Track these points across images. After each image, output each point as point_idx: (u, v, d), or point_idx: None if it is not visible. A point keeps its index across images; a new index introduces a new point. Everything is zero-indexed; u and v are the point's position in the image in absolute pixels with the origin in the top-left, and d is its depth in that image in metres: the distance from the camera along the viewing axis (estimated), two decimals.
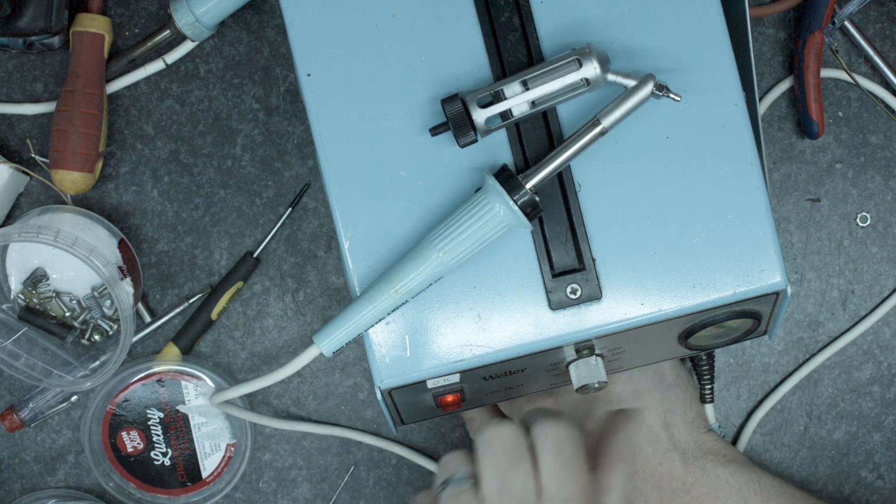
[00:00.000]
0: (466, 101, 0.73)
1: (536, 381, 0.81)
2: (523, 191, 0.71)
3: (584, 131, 0.72)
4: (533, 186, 0.72)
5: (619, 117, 0.72)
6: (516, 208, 0.71)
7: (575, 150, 0.72)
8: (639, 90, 0.72)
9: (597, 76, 0.72)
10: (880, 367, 0.96)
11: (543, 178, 0.72)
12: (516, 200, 0.71)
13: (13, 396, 0.97)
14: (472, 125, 0.73)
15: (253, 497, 0.97)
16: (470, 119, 0.72)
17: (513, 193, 0.71)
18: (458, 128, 0.73)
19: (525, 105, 0.73)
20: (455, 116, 0.73)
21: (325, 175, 0.75)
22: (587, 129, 0.72)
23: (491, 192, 0.72)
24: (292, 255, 0.96)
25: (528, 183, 0.72)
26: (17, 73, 0.96)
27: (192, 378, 0.96)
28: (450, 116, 0.73)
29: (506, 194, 0.71)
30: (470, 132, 0.73)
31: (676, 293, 0.73)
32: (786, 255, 0.95)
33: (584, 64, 0.72)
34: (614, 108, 0.72)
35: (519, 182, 0.71)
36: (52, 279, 0.95)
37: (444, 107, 0.73)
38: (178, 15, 0.90)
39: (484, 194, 0.72)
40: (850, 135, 0.95)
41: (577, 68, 0.72)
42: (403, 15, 0.75)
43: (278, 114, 0.95)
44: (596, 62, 0.72)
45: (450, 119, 0.73)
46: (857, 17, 0.94)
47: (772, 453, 0.96)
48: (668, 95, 0.72)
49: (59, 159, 0.91)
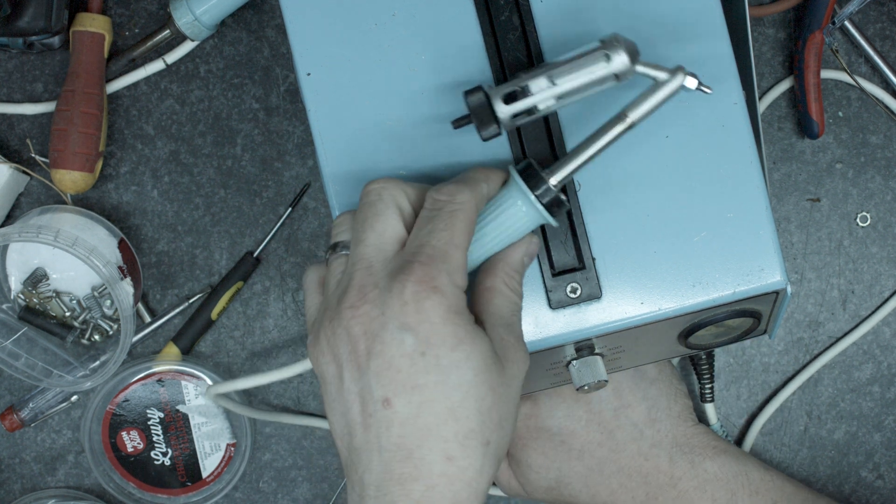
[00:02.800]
0: (490, 94, 0.70)
1: (536, 380, 0.81)
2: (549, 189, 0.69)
3: (612, 125, 0.69)
4: (558, 183, 0.69)
5: (649, 111, 0.69)
6: (541, 207, 0.69)
7: (601, 146, 0.69)
8: (669, 83, 0.69)
9: (626, 69, 0.69)
10: (880, 367, 0.96)
11: (568, 173, 0.70)
12: (541, 199, 0.69)
13: (13, 396, 0.97)
14: (494, 117, 0.70)
15: (253, 497, 0.97)
16: (493, 111, 0.70)
17: (537, 191, 0.69)
18: (481, 120, 0.70)
19: (552, 100, 0.70)
20: (477, 107, 0.70)
21: (325, 175, 0.75)
22: (614, 124, 0.69)
23: (514, 189, 0.70)
24: (292, 255, 0.96)
25: (553, 179, 0.69)
26: (17, 73, 0.96)
27: (192, 378, 0.96)
28: (472, 108, 0.70)
29: (529, 192, 0.69)
30: (492, 125, 0.70)
31: (676, 292, 0.73)
32: (786, 255, 0.95)
33: (612, 57, 0.69)
34: (643, 102, 0.69)
35: (544, 179, 0.69)
36: (52, 279, 0.95)
37: (466, 98, 0.70)
38: (177, 14, 0.90)
39: (508, 190, 0.70)
40: (850, 135, 0.95)
41: (605, 60, 0.69)
42: (403, 14, 0.75)
43: (278, 114, 0.95)
44: (625, 54, 0.68)
45: (472, 110, 0.70)
46: (857, 17, 0.94)
47: (772, 453, 0.96)
48: (701, 88, 0.69)
49: (59, 159, 0.91)
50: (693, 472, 0.86)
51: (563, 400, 0.87)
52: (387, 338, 0.65)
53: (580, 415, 0.87)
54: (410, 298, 0.64)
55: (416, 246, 0.66)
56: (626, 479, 0.87)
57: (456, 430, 0.65)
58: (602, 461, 0.87)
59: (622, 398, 0.87)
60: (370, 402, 0.65)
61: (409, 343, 0.64)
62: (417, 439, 0.64)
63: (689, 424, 0.88)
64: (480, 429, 0.65)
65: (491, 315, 0.69)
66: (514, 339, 0.69)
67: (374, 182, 0.69)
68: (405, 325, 0.64)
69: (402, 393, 0.64)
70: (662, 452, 0.87)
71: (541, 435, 0.87)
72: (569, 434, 0.87)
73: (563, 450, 0.87)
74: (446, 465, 0.64)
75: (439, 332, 0.65)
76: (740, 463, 0.87)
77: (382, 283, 0.66)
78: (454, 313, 0.65)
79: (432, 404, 0.64)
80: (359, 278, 0.66)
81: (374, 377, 0.65)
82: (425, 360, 0.64)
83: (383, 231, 0.68)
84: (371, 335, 0.65)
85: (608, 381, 0.78)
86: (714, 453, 0.87)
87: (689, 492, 0.86)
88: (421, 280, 0.65)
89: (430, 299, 0.65)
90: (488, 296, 0.70)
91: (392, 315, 0.65)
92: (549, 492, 0.89)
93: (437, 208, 0.68)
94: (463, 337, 0.65)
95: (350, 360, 0.66)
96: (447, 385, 0.64)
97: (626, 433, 0.87)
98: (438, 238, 0.66)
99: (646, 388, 0.87)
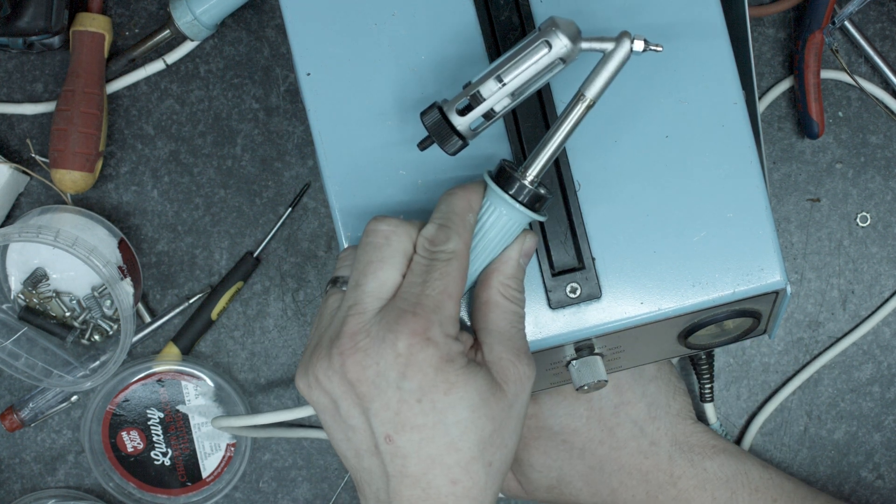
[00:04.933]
0: (445, 110, 0.70)
1: (536, 380, 0.81)
2: (526, 189, 0.69)
3: (571, 108, 0.69)
4: (534, 178, 0.69)
5: (604, 85, 0.68)
6: (522, 208, 0.69)
7: (567, 131, 0.69)
8: (616, 52, 0.68)
9: (569, 51, 0.68)
10: (880, 367, 0.96)
11: (542, 167, 0.70)
12: (521, 200, 0.69)
13: (13, 396, 0.97)
14: (454, 131, 0.70)
15: (253, 497, 0.97)
16: (451, 126, 0.70)
17: (515, 195, 0.69)
18: (442, 138, 0.70)
19: (506, 99, 0.70)
20: (434, 126, 0.70)
21: (325, 175, 0.75)
22: (573, 106, 0.69)
23: (493, 197, 0.70)
24: (292, 255, 0.96)
25: (528, 176, 0.69)
26: (17, 73, 0.96)
27: (192, 378, 0.96)
28: (429, 127, 0.70)
29: (508, 198, 0.69)
30: (454, 139, 0.70)
31: (676, 292, 0.73)
32: (786, 255, 0.95)
33: (553, 44, 0.68)
34: (595, 77, 0.68)
35: (519, 181, 0.69)
36: (52, 279, 0.95)
37: (423, 118, 0.70)
38: (177, 14, 0.90)
39: (488, 198, 0.71)
40: (850, 135, 0.95)
41: (546, 48, 0.68)
42: (403, 14, 0.75)
43: (278, 114, 0.95)
44: (564, 37, 0.68)
45: (429, 130, 0.70)
46: (857, 17, 0.94)
47: (772, 453, 0.96)
48: (650, 48, 0.68)
49: (59, 159, 0.91)
50: (693, 470, 0.87)
51: (565, 398, 0.87)
52: (382, 385, 0.66)
53: (581, 412, 0.87)
54: (404, 350, 0.66)
55: (412, 295, 0.67)
56: (626, 477, 0.87)
57: (458, 459, 0.67)
58: (603, 459, 0.87)
59: (622, 395, 0.87)
60: (372, 436, 0.67)
61: (404, 390, 0.66)
62: (422, 468, 0.67)
63: (689, 423, 0.88)
64: (482, 455, 0.67)
65: (490, 333, 0.70)
66: (513, 356, 0.70)
67: (383, 222, 0.69)
68: (401, 375, 0.66)
69: (402, 431, 0.67)
70: (662, 451, 0.87)
71: (542, 434, 0.87)
72: (570, 432, 0.87)
73: (564, 448, 0.87)
74: (452, 487, 0.67)
75: (432, 380, 0.66)
76: (740, 461, 0.87)
77: (375, 331, 0.67)
78: (446, 362, 0.67)
79: (432, 440, 0.67)
80: (352, 324, 0.67)
81: (373, 417, 0.67)
82: (421, 406, 0.66)
83: (385, 280, 0.68)
84: (365, 382, 0.67)
85: (608, 381, 0.78)
86: (713, 452, 0.87)
87: (688, 490, 0.86)
88: (415, 332, 0.66)
89: (423, 352, 0.66)
90: (485, 311, 0.71)
91: (386, 365, 0.66)
92: (550, 491, 0.89)
93: (432, 257, 0.68)
94: (454, 381, 0.67)
95: (345, 398, 0.68)
96: (445, 424, 0.67)
97: (627, 431, 0.87)
98: (433, 288, 0.67)
99: (645, 385, 0.87)
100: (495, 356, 0.69)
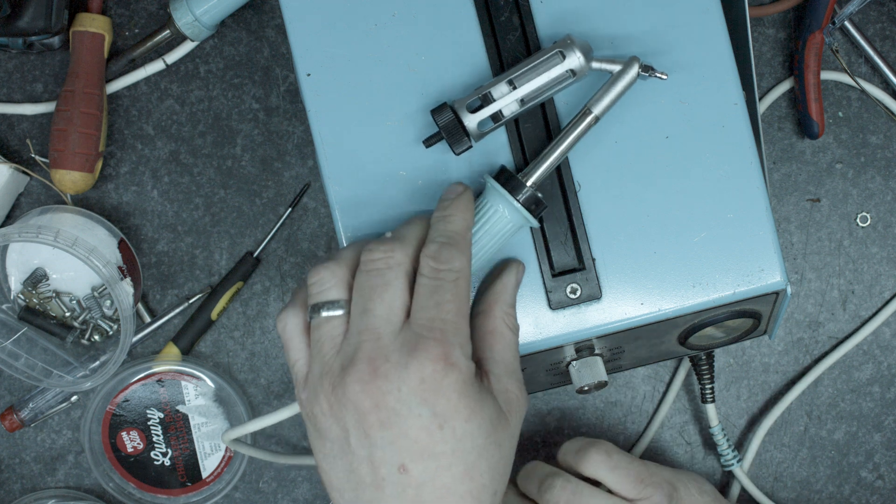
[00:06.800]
0: (456, 108, 0.72)
1: (536, 380, 0.81)
2: (525, 189, 0.71)
3: (577, 122, 0.71)
4: (534, 183, 0.71)
5: (610, 103, 0.72)
6: (520, 207, 0.71)
7: (570, 142, 0.72)
8: (625, 74, 0.72)
9: (581, 66, 0.72)
10: (880, 367, 0.96)
11: (543, 173, 0.71)
12: (519, 199, 0.71)
13: (13, 396, 0.97)
14: (465, 132, 0.72)
15: (253, 497, 0.97)
16: (462, 126, 0.72)
17: (515, 193, 0.71)
18: (452, 136, 0.72)
19: (515, 104, 0.72)
20: (447, 125, 0.72)
21: (324, 175, 0.75)
22: (579, 120, 0.71)
23: (492, 195, 0.71)
24: (292, 255, 0.96)
25: (529, 180, 0.71)
26: (17, 73, 0.96)
27: (192, 378, 0.96)
28: (442, 126, 0.72)
29: (508, 195, 0.71)
30: (464, 139, 0.72)
31: (676, 293, 0.73)
32: (786, 255, 0.95)
33: (567, 56, 0.72)
34: (603, 95, 0.71)
35: (519, 181, 0.71)
36: (52, 279, 0.95)
37: (435, 117, 0.72)
38: (177, 14, 0.90)
39: (486, 197, 0.71)
40: (850, 135, 0.95)
41: (560, 61, 0.72)
42: (403, 15, 0.75)
43: (278, 114, 0.95)
44: (578, 52, 0.72)
45: (442, 129, 0.72)
46: (857, 17, 0.94)
47: (772, 453, 0.96)
48: (655, 75, 0.72)
49: (59, 159, 0.91)
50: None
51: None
52: (403, 412, 0.66)
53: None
54: (429, 377, 0.66)
55: (427, 319, 0.67)
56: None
57: (470, 488, 0.67)
58: None
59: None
60: (382, 466, 0.66)
61: (426, 417, 0.66)
62: (435, 499, 0.67)
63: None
64: (491, 483, 0.68)
65: (496, 364, 0.70)
66: (516, 388, 0.70)
67: (378, 249, 0.69)
68: (424, 402, 0.66)
69: (419, 460, 0.66)
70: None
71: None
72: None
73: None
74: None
75: (455, 406, 0.66)
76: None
77: (395, 357, 0.66)
78: (468, 385, 0.67)
79: (450, 468, 0.66)
80: (368, 350, 0.67)
81: (388, 445, 0.66)
82: (443, 433, 0.66)
83: (392, 302, 0.68)
84: (385, 409, 0.66)
85: (608, 382, 0.78)
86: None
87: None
88: (438, 359, 0.66)
89: (448, 377, 0.66)
90: (491, 341, 0.71)
91: (410, 392, 0.66)
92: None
93: (439, 277, 0.68)
94: (474, 407, 0.67)
95: (357, 427, 0.67)
96: (463, 451, 0.67)
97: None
98: (447, 311, 0.67)
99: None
100: (503, 387, 0.70)
